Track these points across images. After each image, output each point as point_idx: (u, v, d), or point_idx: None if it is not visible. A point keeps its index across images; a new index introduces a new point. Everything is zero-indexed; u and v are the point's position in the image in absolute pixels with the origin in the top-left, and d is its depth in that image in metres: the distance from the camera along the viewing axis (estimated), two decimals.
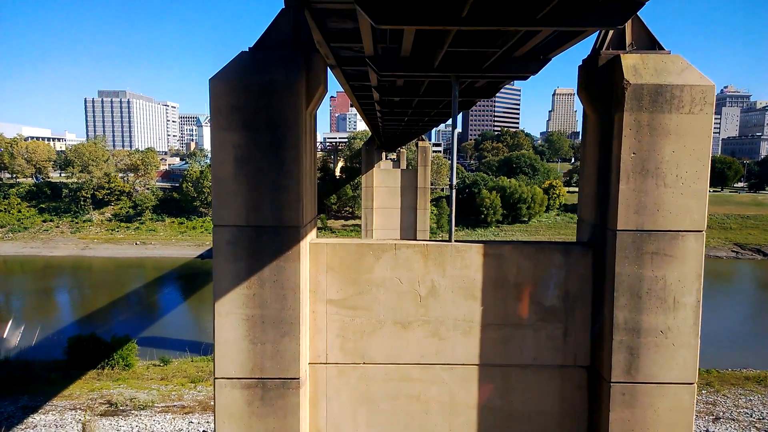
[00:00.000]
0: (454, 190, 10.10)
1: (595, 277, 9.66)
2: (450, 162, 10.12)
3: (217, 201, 8.95)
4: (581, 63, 10.07)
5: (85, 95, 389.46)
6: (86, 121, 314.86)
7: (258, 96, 8.77)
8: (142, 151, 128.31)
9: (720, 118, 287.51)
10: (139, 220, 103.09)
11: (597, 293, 9.68)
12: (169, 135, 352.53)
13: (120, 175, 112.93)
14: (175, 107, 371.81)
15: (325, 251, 9.74)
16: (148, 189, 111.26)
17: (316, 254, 9.73)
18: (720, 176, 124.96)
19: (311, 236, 10.15)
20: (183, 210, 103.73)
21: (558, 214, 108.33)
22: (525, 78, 10.84)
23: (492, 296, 9.76)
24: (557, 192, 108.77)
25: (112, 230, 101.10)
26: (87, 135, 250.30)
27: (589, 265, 9.70)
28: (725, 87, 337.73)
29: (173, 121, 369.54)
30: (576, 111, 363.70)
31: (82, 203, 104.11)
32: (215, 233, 9.01)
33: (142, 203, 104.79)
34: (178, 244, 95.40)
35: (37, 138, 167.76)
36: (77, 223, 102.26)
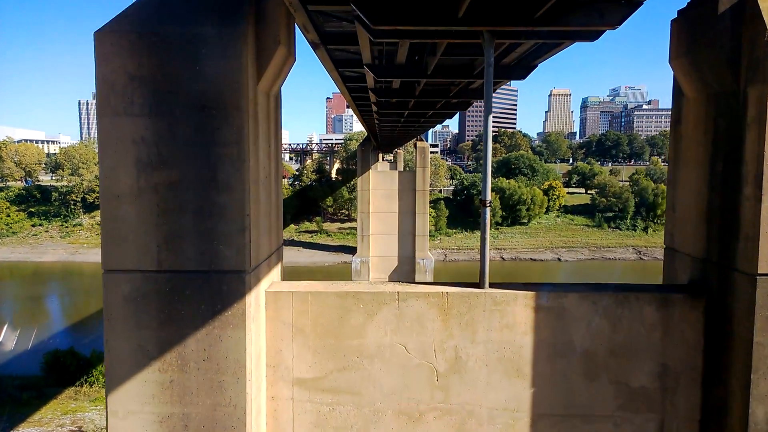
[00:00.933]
0: (488, 208, 6.71)
1: (711, 343, 6.27)
2: (483, 168, 6.69)
3: (108, 232, 5.53)
4: (677, 16, 6.70)
5: (80, 97, 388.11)
6: (80, 123, 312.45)
7: (174, 60, 5.39)
8: None
9: None
10: None
11: (713, 369, 6.28)
12: None
13: None
14: None
15: (290, 304, 6.31)
16: None
17: (276, 309, 6.32)
18: None
19: (271, 279, 6.73)
20: None
21: (558, 216, 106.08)
22: (595, 37, 7.23)
23: (548, 372, 6.37)
24: (557, 193, 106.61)
25: None
26: (81, 137, 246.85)
27: (700, 324, 6.30)
28: None
29: None
30: (572, 111, 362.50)
31: (72, 207, 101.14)
32: (105, 283, 5.58)
33: None
34: None
35: (31, 140, 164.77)
36: (67, 227, 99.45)
